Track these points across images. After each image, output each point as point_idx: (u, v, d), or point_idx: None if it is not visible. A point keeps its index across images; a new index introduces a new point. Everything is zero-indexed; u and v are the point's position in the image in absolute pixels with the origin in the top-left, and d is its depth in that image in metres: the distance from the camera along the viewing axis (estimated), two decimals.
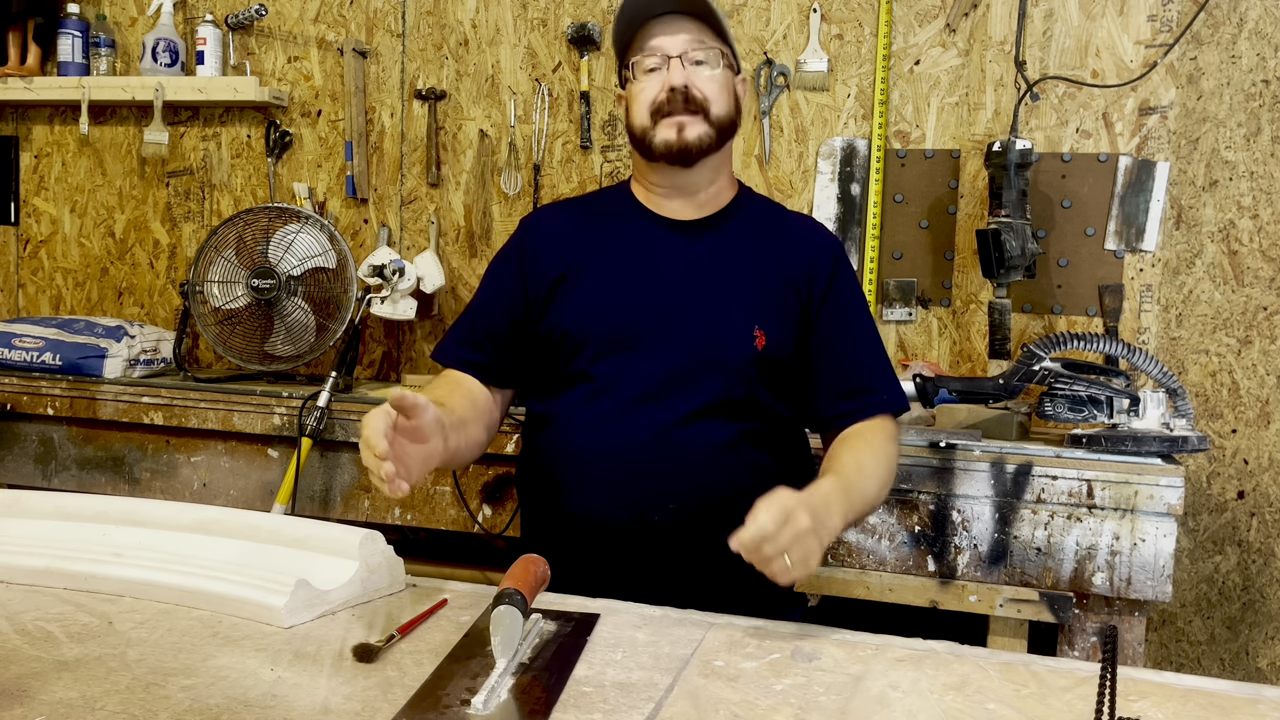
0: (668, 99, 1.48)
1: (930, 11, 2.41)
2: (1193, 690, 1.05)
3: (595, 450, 1.48)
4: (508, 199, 2.68)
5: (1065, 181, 2.34)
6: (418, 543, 2.52)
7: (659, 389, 1.47)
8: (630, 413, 1.47)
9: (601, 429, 1.48)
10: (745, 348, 1.48)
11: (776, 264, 1.54)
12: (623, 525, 1.46)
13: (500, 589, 1.06)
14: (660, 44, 1.49)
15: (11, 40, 2.92)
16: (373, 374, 2.80)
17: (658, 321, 1.50)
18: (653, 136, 1.50)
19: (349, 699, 0.96)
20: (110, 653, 1.06)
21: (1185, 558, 2.36)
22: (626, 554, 1.47)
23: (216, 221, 2.85)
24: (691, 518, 1.46)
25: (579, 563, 1.48)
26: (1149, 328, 2.32)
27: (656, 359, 1.48)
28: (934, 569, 1.96)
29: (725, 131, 1.52)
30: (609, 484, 1.47)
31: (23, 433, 2.56)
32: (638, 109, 1.51)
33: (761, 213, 1.62)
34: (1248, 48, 2.29)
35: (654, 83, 1.49)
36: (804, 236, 1.60)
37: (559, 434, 1.52)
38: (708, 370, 1.48)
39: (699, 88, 1.48)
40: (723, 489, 1.47)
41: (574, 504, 1.50)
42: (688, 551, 1.47)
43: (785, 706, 0.97)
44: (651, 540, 1.46)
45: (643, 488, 1.46)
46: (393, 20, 2.74)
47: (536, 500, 1.58)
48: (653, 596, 1.32)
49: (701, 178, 1.55)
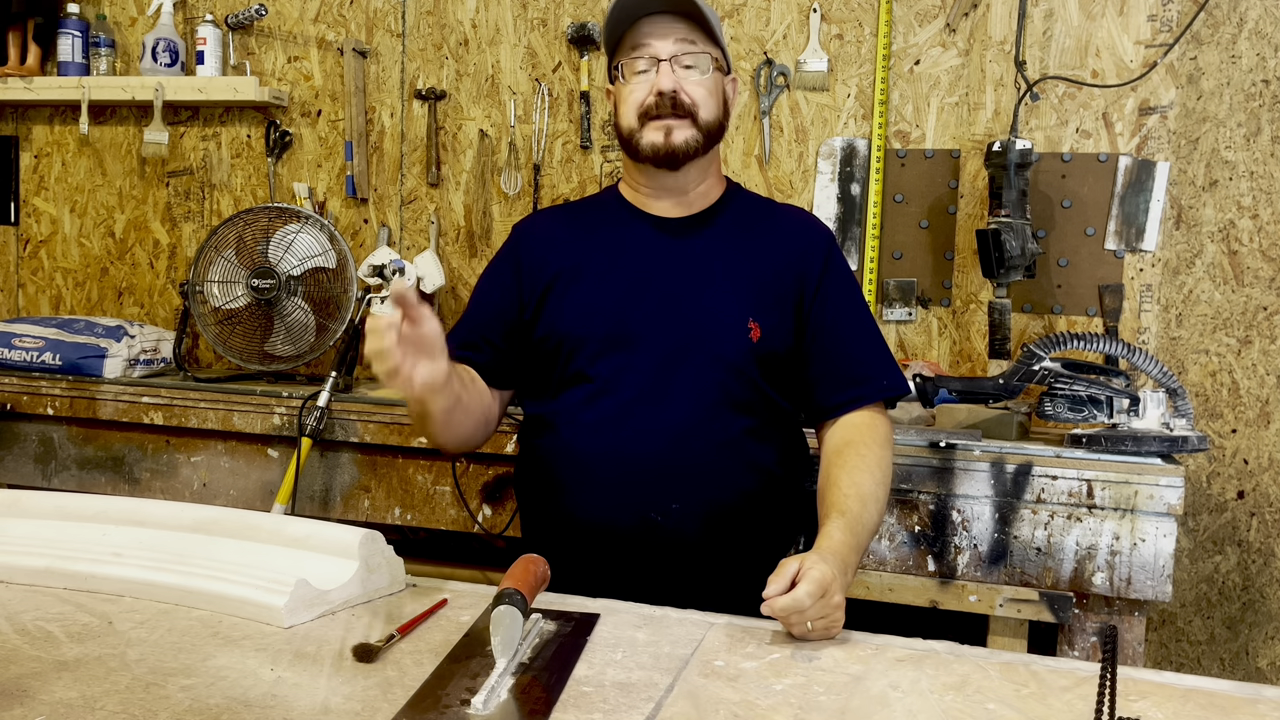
0: (656, 103, 1.48)
1: (930, 11, 2.40)
2: (1193, 690, 1.05)
3: (595, 452, 1.48)
4: (508, 199, 2.68)
5: (1065, 181, 2.34)
6: (418, 543, 2.52)
7: (657, 387, 1.47)
8: (629, 413, 1.47)
9: (601, 430, 1.48)
10: (741, 341, 1.48)
11: (768, 256, 1.54)
12: (626, 526, 1.46)
13: (500, 589, 1.06)
14: (650, 46, 1.49)
15: (11, 40, 2.92)
16: (373, 374, 2.79)
17: (652, 319, 1.50)
18: (640, 139, 1.50)
19: (349, 699, 0.96)
20: (110, 653, 1.06)
21: (1185, 558, 2.37)
22: (630, 555, 1.47)
23: (216, 221, 2.85)
24: (694, 517, 1.46)
25: (581, 564, 1.47)
26: (1149, 328, 2.32)
27: (653, 357, 1.48)
28: (934, 569, 1.96)
29: (713, 135, 1.53)
30: (611, 485, 1.46)
31: (23, 433, 2.56)
32: (626, 110, 1.52)
33: (751, 207, 1.62)
34: (1248, 48, 2.29)
35: (642, 85, 1.49)
36: (795, 228, 1.60)
37: (559, 436, 1.52)
38: (704, 366, 1.47)
39: (687, 92, 1.48)
40: (725, 487, 1.47)
41: (576, 506, 1.49)
42: (691, 552, 1.47)
43: (785, 706, 0.97)
44: (655, 541, 1.46)
45: (645, 488, 1.46)
46: (393, 20, 2.74)
47: (537, 503, 1.58)
48: (656, 597, 1.32)
49: (689, 179, 1.55)
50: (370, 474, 2.32)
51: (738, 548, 1.49)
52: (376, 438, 2.27)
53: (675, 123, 1.48)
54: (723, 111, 1.54)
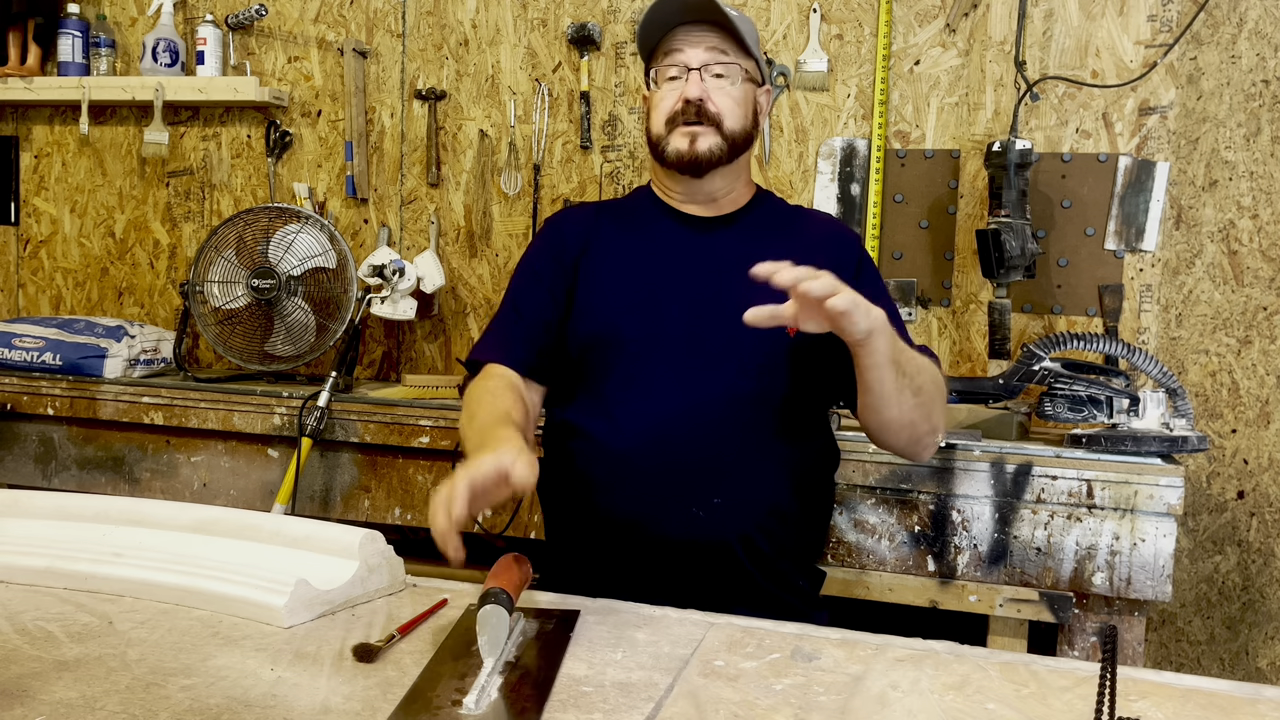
0: (682, 110, 1.51)
1: (930, 11, 2.41)
2: (1192, 690, 1.05)
3: (634, 448, 1.46)
4: (508, 199, 2.68)
5: (1065, 181, 2.34)
6: (418, 543, 2.51)
7: (693, 386, 1.47)
8: (665, 411, 1.46)
9: (638, 426, 1.46)
10: (778, 337, 1.45)
11: (803, 255, 1.52)
12: (667, 522, 1.44)
13: (485, 588, 1.06)
14: (682, 53, 1.52)
15: (11, 40, 2.92)
16: (373, 374, 2.80)
17: (687, 315, 1.49)
18: (666, 144, 1.53)
19: (349, 699, 0.96)
20: (110, 653, 1.06)
21: (1185, 558, 2.37)
22: (671, 553, 1.45)
23: (216, 221, 2.85)
24: (735, 512, 1.44)
25: (618, 565, 1.47)
26: (1149, 328, 2.32)
27: (689, 355, 1.48)
28: (934, 569, 1.96)
29: (739, 144, 1.54)
30: (651, 482, 1.45)
31: (23, 433, 2.56)
32: (656, 116, 1.55)
33: (781, 210, 1.64)
34: (1248, 48, 2.29)
35: (672, 93, 1.52)
36: (825, 233, 1.61)
37: (593, 435, 1.50)
38: (742, 363, 1.47)
39: (714, 101, 1.50)
40: (763, 482, 1.46)
41: (614, 505, 1.47)
42: (732, 549, 1.45)
43: (785, 706, 0.97)
44: (696, 536, 1.44)
45: (685, 483, 1.44)
46: (393, 20, 2.74)
47: (569, 505, 1.55)
48: (691, 598, 1.31)
49: (715, 186, 1.56)
50: (370, 474, 2.32)
51: (775, 545, 1.48)
52: (376, 438, 2.27)
53: (700, 130, 1.51)
54: (752, 122, 1.56)
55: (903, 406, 1.37)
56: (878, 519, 1.98)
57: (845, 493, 1.98)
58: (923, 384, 1.38)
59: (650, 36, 1.56)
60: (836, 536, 2.00)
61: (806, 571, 1.57)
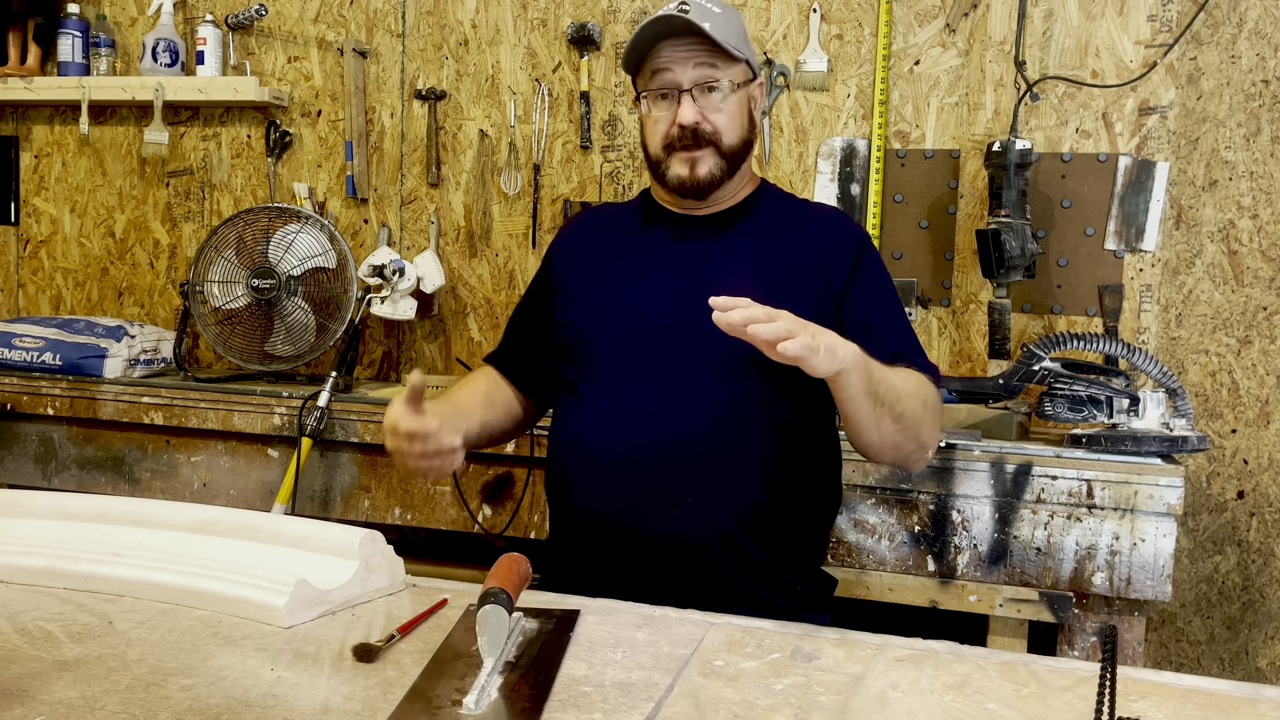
0: (679, 135, 1.50)
1: (930, 11, 2.41)
2: (1192, 690, 1.05)
3: (606, 452, 1.47)
4: (508, 199, 2.68)
5: (1065, 181, 2.34)
6: (418, 543, 2.52)
7: (668, 386, 1.47)
8: (639, 412, 1.47)
9: (611, 430, 1.47)
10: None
11: (797, 253, 1.54)
12: (646, 525, 1.44)
13: (485, 588, 1.06)
14: (671, 73, 1.50)
15: (11, 40, 2.92)
16: (373, 374, 2.80)
17: (670, 315, 1.49)
18: (666, 170, 1.54)
19: (349, 699, 0.96)
20: (110, 653, 1.06)
21: (1185, 558, 2.37)
22: (652, 555, 1.45)
23: (216, 221, 2.85)
24: (715, 512, 1.44)
25: (609, 566, 1.47)
26: (1149, 328, 2.32)
27: (665, 357, 1.48)
28: (934, 569, 1.96)
29: (739, 156, 1.55)
30: (626, 484, 1.45)
31: (23, 433, 2.56)
32: (652, 140, 1.55)
33: (781, 205, 1.62)
34: (1247, 48, 2.29)
35: (665, 114, 1.52)
36: (825, 227, 1.59)
37: (575, 438, 1.52)
38: (722, 364, 1.46)
39: (709, 120, 1.50)
40: (746, 482, 1.46)
41: (596, 507, 1.48)
42: (712, 549, 1.45)
43: (785, 706, 0.97)
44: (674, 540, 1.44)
45: (658, 486, 1.44)
46: (393, 20, 2.74)
47: (561, 506, 1.57)
48: (671, 597, 1.31)
49: (717, 197, 1.57)
50: (370, 474, 2.32)
51: (762, 546, 1.47)
52: (376, 438, 2.27)
53: (699, 154, 1.51)
54: (748, 127, 1.56)
55: (883, 432, 1.38)
56: (878, 519, 1.98)
57: (845, 493, 1.98)
58: (905, 410, 1.38)
59: (635, 52, 1.54)
60: (836, 536, 2.00)
61: (805, 575, 1.55)
